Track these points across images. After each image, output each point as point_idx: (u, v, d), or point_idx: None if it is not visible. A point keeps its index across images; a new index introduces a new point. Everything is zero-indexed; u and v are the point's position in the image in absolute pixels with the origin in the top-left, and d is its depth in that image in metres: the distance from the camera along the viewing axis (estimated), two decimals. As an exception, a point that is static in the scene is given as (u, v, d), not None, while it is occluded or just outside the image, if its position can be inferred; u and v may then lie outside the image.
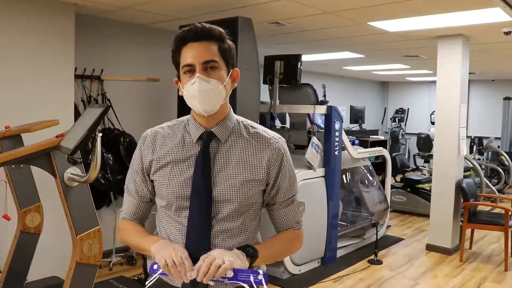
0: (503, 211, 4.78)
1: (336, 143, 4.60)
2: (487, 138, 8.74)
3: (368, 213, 5.48)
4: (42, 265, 3.36)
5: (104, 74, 4.47)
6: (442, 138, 5.14)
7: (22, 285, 3.04)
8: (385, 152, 5.91)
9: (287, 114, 5.86)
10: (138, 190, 1.45)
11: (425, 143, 8.34)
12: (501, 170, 8.17)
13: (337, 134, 4.60)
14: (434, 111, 5.84)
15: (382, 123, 11.70)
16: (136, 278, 4.10)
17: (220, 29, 1.35)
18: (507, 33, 4.55)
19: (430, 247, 5.20)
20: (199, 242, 1.32)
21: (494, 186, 7.70)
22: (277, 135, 1.45)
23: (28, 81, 3.60)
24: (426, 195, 6.65)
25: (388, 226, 6.05)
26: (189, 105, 1.37)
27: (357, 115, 9.98)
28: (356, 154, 5.18)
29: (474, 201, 5.02)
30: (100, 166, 2.22)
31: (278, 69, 4.60)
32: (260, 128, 1.45)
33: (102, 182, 4.16)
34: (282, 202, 1.44)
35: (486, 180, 7.23)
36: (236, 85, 1.41)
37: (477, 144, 9.15)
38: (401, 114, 11.02)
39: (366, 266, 4.67)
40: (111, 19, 4.55)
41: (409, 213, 7.00)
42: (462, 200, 5.05)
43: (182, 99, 1.37)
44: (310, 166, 4.27)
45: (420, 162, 9.45)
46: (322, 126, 4.86)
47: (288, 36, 5.22)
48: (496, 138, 9.60)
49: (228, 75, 1.35)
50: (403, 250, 5.25)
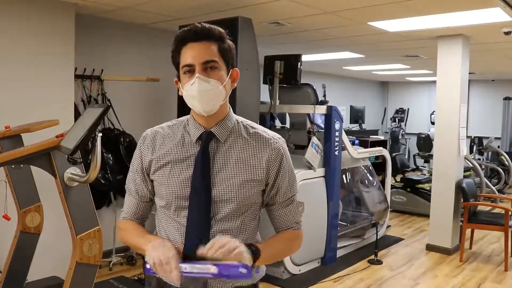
0: (503, 211, 4.78)
1: (336, 143, 4.60)
2: (487, 138, 8.74)
3: (368, 213, 5.48)
4: (42, 265, 3.36)
5: (104, 74, 4.48)
6: (442, 138, 5.14)
7: (22, 285, 3.04)
8: (385, 152, 5.91)
9: (287, 114, 5.86)
10: (138, 190, 1.45)
11: (425, 143, 8.34)
12: (501, 170, 8.17)
13: (337, 134, 4.60)
14: (434, 111, 5.84)
15: (382, 123, 11.70)
16: (136, 278, 4.10)
17: (220, 29, 1.35)
18: (507, 33, 4.56)
19: (430, 247, 5.20)
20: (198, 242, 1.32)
21: (494, 186, 7.70)
22: (276, 135, 1.45)
23: (28, 81, 3.60)
24: (426, 195, 6.65)
25: (388, 226, 6.05)
26: (189, 105, 1.36)
27: (357, 115, 9.98)
28: (356, 154, 5.18)
29: (474, 201, 5.02)
30: (100, 166, 2.22)
31: (278, 69, 4.60)
32: (259, 128, 1.45)
33: (102, 182, 4.16)
34: (281, 202, 1.44)
35: (486, 180, 7.22)
36: (236, 85, 1.41)
37: (477, 144, 9.14)
38: (401, 114, 11.01)
39: (366, 266, 4.67)
40: (111, 19, 4.55)
41: (409, 213, 7.00)
42: (462, 200, 5.05)
43: (182, 99, 1.37)
44: (310, 166, 4.27)
45: (420, 162, 9.45)
46: (322, 126, 4.86)
47: (288, 36, 5.22)
48: (496, 138, 9.60)
49: (228, 75, 1.35)
50: (403, 250, 5.25)
